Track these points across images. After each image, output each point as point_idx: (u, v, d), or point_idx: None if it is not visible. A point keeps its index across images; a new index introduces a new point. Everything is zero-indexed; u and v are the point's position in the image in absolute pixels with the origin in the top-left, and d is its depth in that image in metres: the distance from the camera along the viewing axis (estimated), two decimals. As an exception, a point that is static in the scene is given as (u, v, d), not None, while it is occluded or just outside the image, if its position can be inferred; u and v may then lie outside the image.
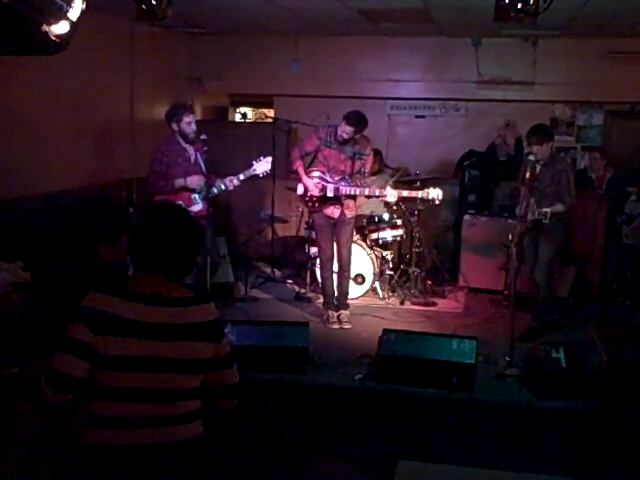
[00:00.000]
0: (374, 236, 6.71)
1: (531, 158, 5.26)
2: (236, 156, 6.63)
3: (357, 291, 6.45)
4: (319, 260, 6.01)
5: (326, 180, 5.69)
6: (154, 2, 4.38)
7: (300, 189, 5.83)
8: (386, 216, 6.77)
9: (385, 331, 4.63)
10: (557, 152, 6.19)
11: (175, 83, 8.51)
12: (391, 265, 6.74)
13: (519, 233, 5.09)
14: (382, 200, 6.43)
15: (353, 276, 6.24)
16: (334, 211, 5.72)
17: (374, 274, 6.52)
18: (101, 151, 6.83)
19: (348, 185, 5.64)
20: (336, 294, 5.89)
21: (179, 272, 2.36)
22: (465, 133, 8.57)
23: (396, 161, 7.95)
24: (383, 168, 7.27)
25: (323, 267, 5.91)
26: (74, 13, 3.19)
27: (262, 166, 5.48)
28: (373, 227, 6.75)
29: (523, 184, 5.42)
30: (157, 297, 2.27)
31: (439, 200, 5.92)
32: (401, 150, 8.42)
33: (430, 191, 5.88)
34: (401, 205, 6.73)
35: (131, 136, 7.30)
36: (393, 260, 6.82)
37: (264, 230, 7.71)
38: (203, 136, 5.26)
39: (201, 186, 5.29)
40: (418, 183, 6.70)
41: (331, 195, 5.66)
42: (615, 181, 7.10)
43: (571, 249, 6.47)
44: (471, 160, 7.96)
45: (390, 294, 6.61)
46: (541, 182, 5.30)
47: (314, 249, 6.34)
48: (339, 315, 5.82)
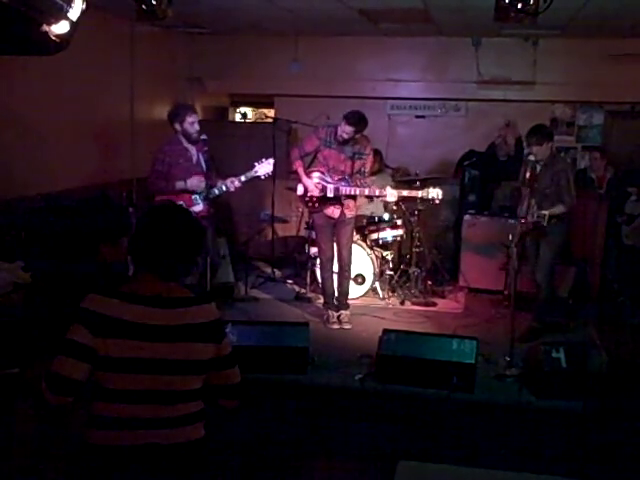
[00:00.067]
0: (374, 236, 6.71)
1: (531, 158, 5.28)
2: (236, 156, 6.63)
3: (357, 291, 6.45)
4: (319, 260, 6.01)
5: (326, 180, 5.69)
6: (154, 2, 4.39)
7: (300, 189, 5.82)
8: (386, 216, 6.77)
9: (385, 331, 4.63)
10: (557, 152, 6.19)
11: (175, 83, 8.50)
12: (391, 265, 6.74)
13: (520, 233, 5.10)
14: (382, 200, 6.43)
15: (353, 276, 6.24)
16: (334, 211, 5.72)
17: (374, 274, 6.52)
18: (101, 151, 6.82)
19: (348, 185, 5.64)
20: (336, 294, 5.89)
21: (179, 273, 2.35)
22: (465, 133, 8.56)
23: (396, 161, 7.96)
24: (383, 168, 7.27)
25: (323, 267, 5.91)
26: (74, 13, 3.18)
27: (264, 168, 5.46)
28: (373, 227, 6.75)
29: (524, 185, 5.43)
30: (157, 298, 2.26)
31: (439, 200, 5.93)
32: (401, 150, 8.41)
33: (430, 191, 5.88)
34: (401, 205, 6.74)
35: (131, 136, 7.28)
36: (393, 260, 6.83)
37: (264, 230, 7.71)
38: (203, 136, 5.26)
39: (202, 187, 5.29)
40: (418, 183, 6.70)
41: (331, 195, 5.66)
42: (615, 181, 7.08)
43: (571, 249, 6.47)
44: (471, 160, 7.96)
45: (390, 294, 6.62)
46: (541, 182, 5.30)
47: (314, 249, 6.34)
48: (339, 315, 5.82)
